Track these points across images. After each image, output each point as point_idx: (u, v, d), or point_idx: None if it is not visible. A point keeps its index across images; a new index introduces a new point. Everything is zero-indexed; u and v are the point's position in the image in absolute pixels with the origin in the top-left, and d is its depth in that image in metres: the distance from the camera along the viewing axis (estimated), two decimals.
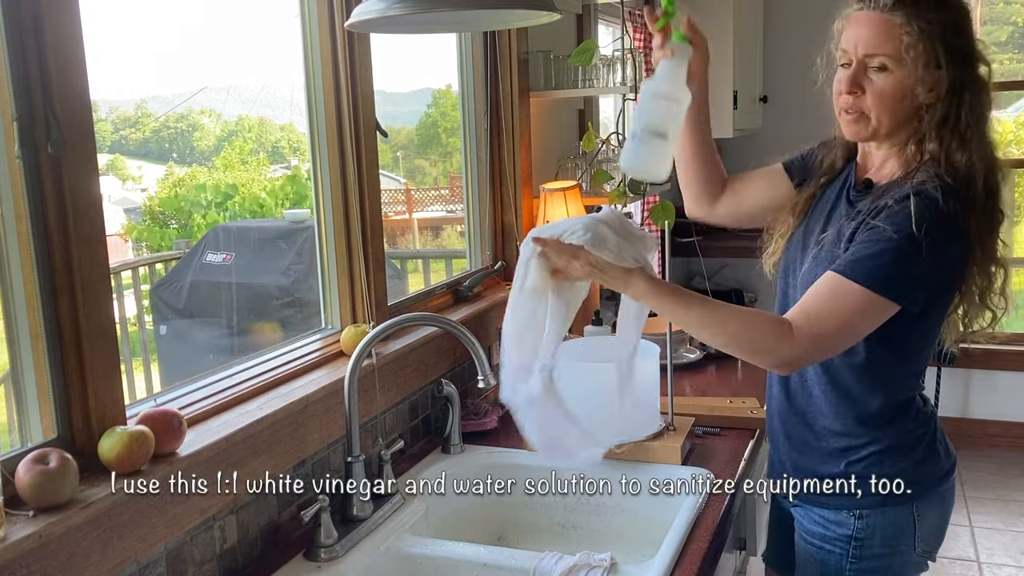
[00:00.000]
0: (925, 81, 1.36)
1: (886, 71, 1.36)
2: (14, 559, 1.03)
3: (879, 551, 1.51)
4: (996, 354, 4.28)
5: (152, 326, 3.61)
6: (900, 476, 1.46)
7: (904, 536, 1.51)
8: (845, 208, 1.48)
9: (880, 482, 1.46)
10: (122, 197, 3.99)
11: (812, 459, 1.54)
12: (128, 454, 1.19)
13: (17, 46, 1.13)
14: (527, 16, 1.44)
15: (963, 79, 1.37)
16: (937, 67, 1.35)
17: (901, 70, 1.35)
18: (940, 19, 1.34)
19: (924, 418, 1.52)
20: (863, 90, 1.39)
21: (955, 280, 1.40)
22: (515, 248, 2.61)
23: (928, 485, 1.50)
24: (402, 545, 1.53)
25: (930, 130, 1.38)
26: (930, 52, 1.34)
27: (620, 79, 2.74)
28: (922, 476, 1.49)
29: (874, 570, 1.52)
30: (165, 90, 3.39)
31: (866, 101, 1.39)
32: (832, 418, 1.50)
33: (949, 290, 1.42)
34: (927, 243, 1.31)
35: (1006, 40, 4.70)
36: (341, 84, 1.78)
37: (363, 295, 1.86)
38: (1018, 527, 3.60)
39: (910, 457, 1.49)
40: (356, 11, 1.30)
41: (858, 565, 1.51)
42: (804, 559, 1.59)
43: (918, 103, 1.38)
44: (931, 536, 1.54)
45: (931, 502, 1.51)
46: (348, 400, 1.54)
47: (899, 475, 1.46)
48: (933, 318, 1.43)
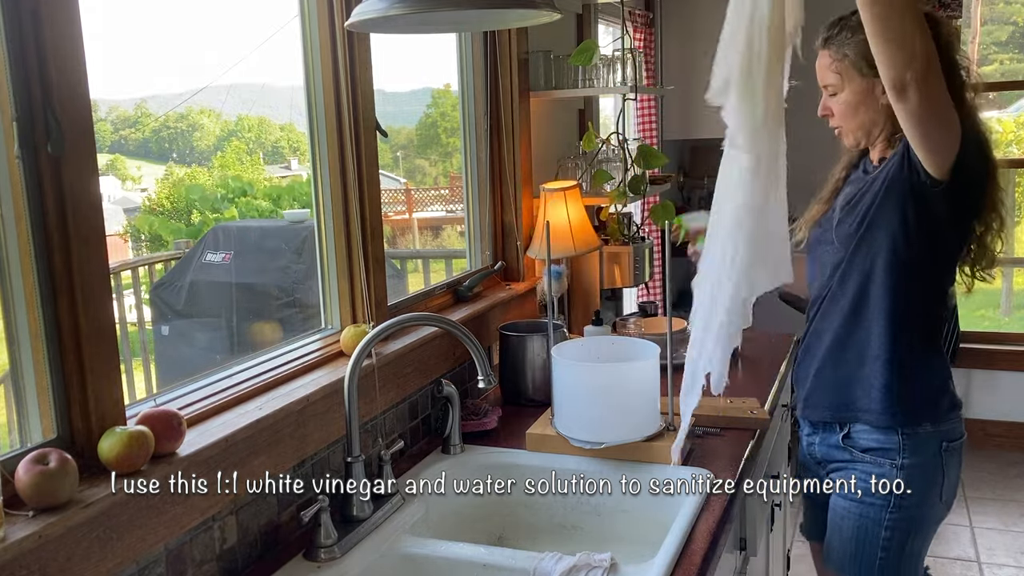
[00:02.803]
0: (872, 87, 1.68)
1: (836, 94, 1.75)
2: (14, 559, 1.03)
3: (915, 501, 1.74)
4: (997, 354, 4.28)
5: (152, 326, 3.61)
6: (929, 421, 1.74)
7: (934, 486, 1.76)
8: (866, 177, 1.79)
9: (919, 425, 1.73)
10: (122, 197, 3.98)
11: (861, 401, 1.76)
12: (128, 454, 1.19)
13: (17, 46, 1.13)
14: (527, 16, 1.44)
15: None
16: (865, 76, 1.68)
17: (848, 86, 1.72)
18: (855, 40, 1.67)
19: (946, 369, 1.80)
20: (832, 112, 1.78)
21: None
22: (515, 248, 2.61)
23: (956, 439, 1.77)
24: (402, 545, 1.53)
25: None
26: (857, 66, 1.69)
27: (620, 79, 2.74)
28: (953, 430, 1.77)
29: (910, 519, 1.75)
30: (165, 90, 3.39)
31: (836, 119, 1.78)
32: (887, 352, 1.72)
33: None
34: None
35: (1006, 40, 4.70)
36: (341, 84, 1.78)
37: (363, 295, 1.86)
38: (1018, 527, 3.60)
39: (940, 404, 1.76)
40: (356, 11, 1.30)
41: (896, 515, 1.74)
42: (842, 517, 1.80)
43: (879, 103, 1.69)
44: (952, 487, 1.79)
45: (953, 454, 1.77)
46: (348, 400, 1.54)
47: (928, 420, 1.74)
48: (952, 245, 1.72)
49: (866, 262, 1.73)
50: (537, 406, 2.08)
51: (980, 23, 5.99)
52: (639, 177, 2.69)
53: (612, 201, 2.70)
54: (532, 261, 2.67)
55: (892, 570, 1.78)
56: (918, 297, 1.73)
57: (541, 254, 2.48)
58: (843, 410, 1.80)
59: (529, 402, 2.14)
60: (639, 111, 3.72)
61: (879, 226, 1.71)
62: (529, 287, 2.62)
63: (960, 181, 1.61)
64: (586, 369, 1.80)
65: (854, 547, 1.79)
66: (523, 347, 2.15)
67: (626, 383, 1.76)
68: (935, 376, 1.78)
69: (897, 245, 1.70)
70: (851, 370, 1.78)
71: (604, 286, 2.77)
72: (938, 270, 1.75)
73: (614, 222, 2.80)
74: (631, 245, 2.76)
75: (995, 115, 6.40)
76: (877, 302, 1.73)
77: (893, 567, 1.77)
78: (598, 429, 1.75)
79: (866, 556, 1.78)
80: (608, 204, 2.74)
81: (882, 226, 1.70)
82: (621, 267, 2.75)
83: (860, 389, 1.77)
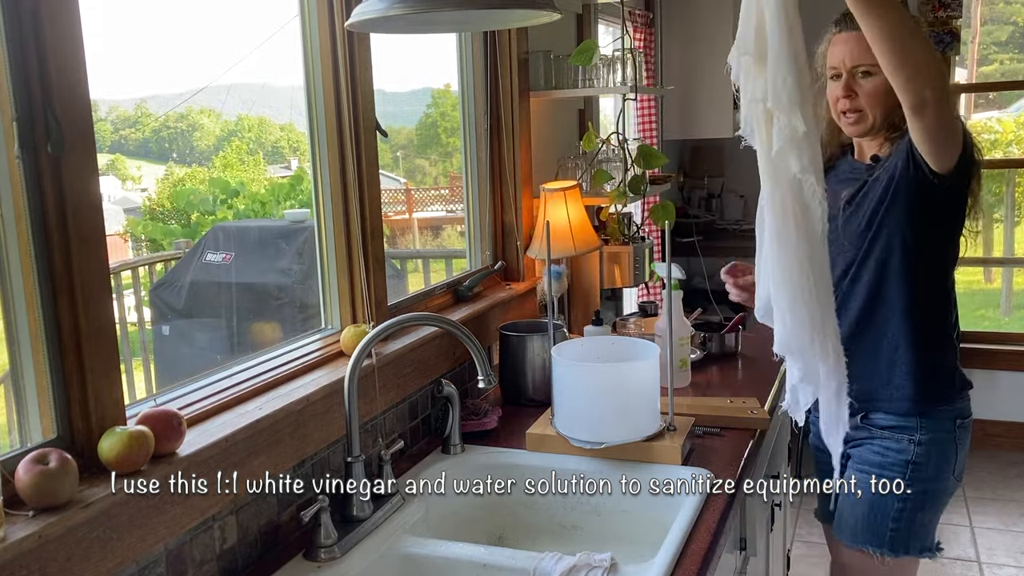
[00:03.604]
0: None
1: (871, 75, 1.72)
2: (14, 559, 1.03)
3: (929, 474, 1.80)
4: (997, 354, 4.28)
5: (152, 326, 3.60)
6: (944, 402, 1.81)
7: (948, 462, 1.81)
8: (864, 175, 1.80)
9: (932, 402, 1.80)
10: (122, 197, 3.98)
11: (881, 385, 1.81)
12: (128, 454, 1.19)
13: (17, 46, 1.13)
14: (527, 16, 1.44)
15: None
16: None
17: (881, 71, 1.58)
18: None
19: (956, 350, 1.85)
20: (856, 93, 1.75)
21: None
22: (515, 248, 2.61)
23: (967, 416, 1.85)
24: (402, 545, 1.53)
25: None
26: None
27: (620, 79, 2.74)
28: (964, 409, 1.84)
29: (924, 492, 1.80)
30: (165, 90, 3.38)
31: (860, 101, 1.75)
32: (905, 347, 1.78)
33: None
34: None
35: (1006, 40, 4.70)
36: (341, 84, 1.78)
37: (363, 295, 1.86)
38: (1018, 527, 3.60)
39: (954, 384, 1.83)
40: (356, 11, 1.30)
41: (912, 488, 1.77)
42: (857, 486, 1.82)
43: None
44: (963, 463, 1.85)
45: (965, 430, 1.84)
46: (348, 400, 1.54)
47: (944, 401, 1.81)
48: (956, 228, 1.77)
49: (879, 262, 1.78)
50: (537, 406, 2.08)
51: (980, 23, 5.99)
52: (639, 177, 2.69)
53: (612, 201, 2.70)
54: (532, 261, 2.67)
55: (902, 542, 1.82)
56: (931, 288, 1.79)
57: (541, 254, 2.48)
58: (862, 401, 1.81)
59: (529, 402, 2.14)
60: (639, 111, 3.72)
61: (889, 225, 1.75)
62: (529, 287, 2.62)
63: (960, 170, 1.66)
64: (586, 369, 1.79)
65: (867, 517, 1.84)
66: (523, 347, 2.15)
67: (626, 383, 1.76)
68: (948, 359, 1.83)
69: (908, 243, 1.75)
70: (868, 366, 1.81)
71: (604, 286, 2.77)
72: (946, 256, 1.81)
73: (614, 222, 2.80)
74: (631, 245, 2.76)
75: (995, 115, 6.39)
76: (893, 300, 1.78)
77: (903, 539, 1.81)
78: (598, 429, 1.75)
79: (878, 526, 1.82)
80: (608, 204, 2.74)
81: (893, 225, 1.75)
82: (621, 267, 2.75)
83: (879, 382, 1.82)
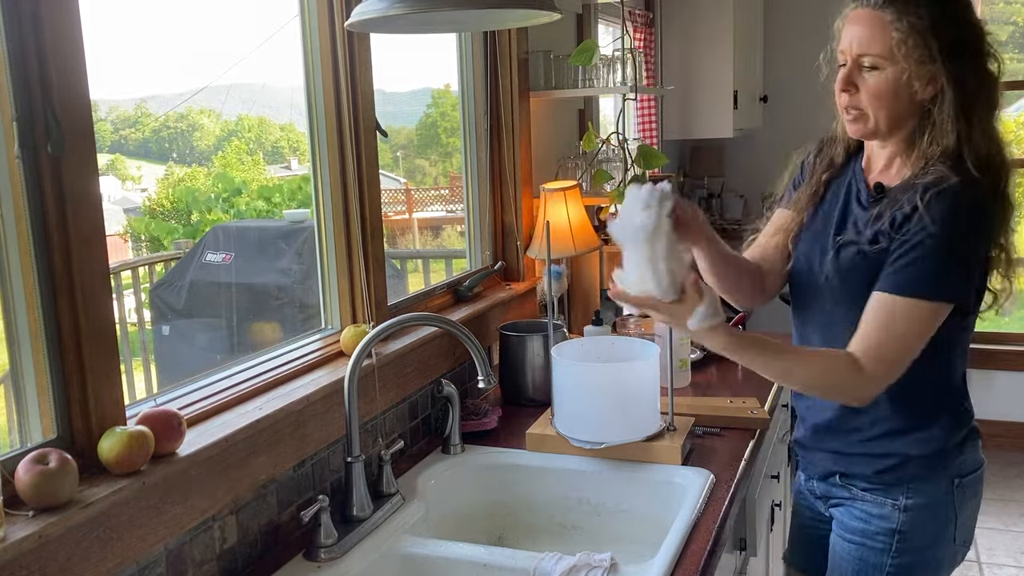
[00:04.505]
0: (920, 76, 1.36)
1: (878, 69, 1.38)
2: (14, 559, 1.03)
3: (921, 543, 1.52)
4: (996, 354, 4.28)
5: (152, 326, 3.61)
6: (943, 461, 1.50)
7: (944, 527, 1.52)
8: (859, 212, 1.49)
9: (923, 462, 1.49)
10: (122, 197, 3.99)
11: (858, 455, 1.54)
12: (128, 454, 1.19)
13: (17, 46, 1.13)
14: (527, 16, 1.44)
15: (963, 72, 1.36)
16: (931, 61, 1.35)
17: (893, 67, 1.37)
18: (932, 12, 1.34)
19: (967, 413, 1.55)
20: (857, 88, 1.41)
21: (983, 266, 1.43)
22: (515, 248, 2.61)
23: (971, 471, 1.53)
24: (402, 545, 1.53)
25: (943, 125, 1.37)
26: (922, 47, 1.34)
27: (620, 79, 2.74)
28: (965, 462, 1.52)
29: (914, 564, 1.52)
30: (165, 90, 3.39)
31: (861, 99, 1.41)
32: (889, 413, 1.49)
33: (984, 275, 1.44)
34: (963, 237, 1.35)
35: (1006, 40, 4.70)
36: (341, 84, 1.78)
37: (363, 295, 1.86)
38: (1018, 527, 3.60)
39: (952, 442, 1.51)
40: (356, 11, 1.30)
41: (899, 560, 1.52)
42: (841, 557, 1.58)
43: (917, 99, 1.39)
44: (967, 526, 1.55)
45: (966, 489, 1.52)
46: (348, 400, 1.54)
47: (942, 460, 1.50)
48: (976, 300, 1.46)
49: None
50: (537, 406, 2.08)
51: None
52: (639, 177, 2.69)
53: (612, 201, 2.70)
54: (532, 261, 2.67)
55: None
56: (939, 361, 1.47)
57: (541, 254, 2.48)
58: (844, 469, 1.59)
59: (529, 402, 2.14)
60: (639, 111, 3.72)
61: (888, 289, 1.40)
62: (529, 287, 2.62)
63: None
64: (586, 369, 1.79)
65: None
66: (523, 347, 2.15)
67: (626, 383, 1.76)
68: (948, 421, 1.52)
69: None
70: (854, 439, 1.55)
71: (604, 286, 2.77)
72: (964, 326, 1.48)
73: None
74: None
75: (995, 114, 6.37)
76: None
77: None
78: (598, 429, 1.75)
79: None
80: (608, 204, 2.74)
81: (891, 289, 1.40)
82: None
83: (865, 460, 1.54)
